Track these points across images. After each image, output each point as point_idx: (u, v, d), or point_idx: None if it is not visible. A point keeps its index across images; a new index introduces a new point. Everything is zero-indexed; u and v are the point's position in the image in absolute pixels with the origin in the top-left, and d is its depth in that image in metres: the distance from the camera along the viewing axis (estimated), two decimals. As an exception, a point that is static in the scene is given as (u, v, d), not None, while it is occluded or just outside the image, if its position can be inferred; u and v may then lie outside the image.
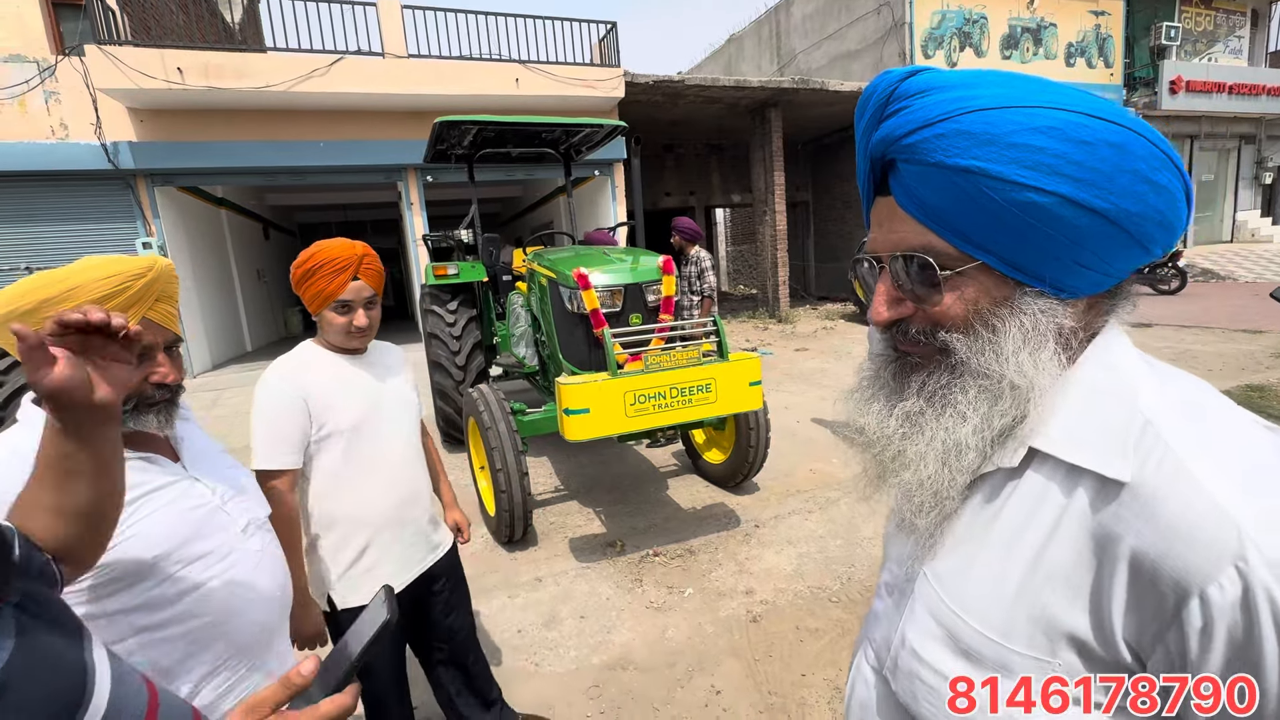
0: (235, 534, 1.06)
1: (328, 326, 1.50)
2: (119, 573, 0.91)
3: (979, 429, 0.52)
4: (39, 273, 0.91)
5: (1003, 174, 0.46)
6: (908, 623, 0.58)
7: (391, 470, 1.59)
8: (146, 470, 0.98)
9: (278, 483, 1.43)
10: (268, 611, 1.08)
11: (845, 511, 3.56)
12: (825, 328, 10.60)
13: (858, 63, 13.19)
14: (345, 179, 9.05)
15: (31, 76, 7.08)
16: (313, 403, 1.46)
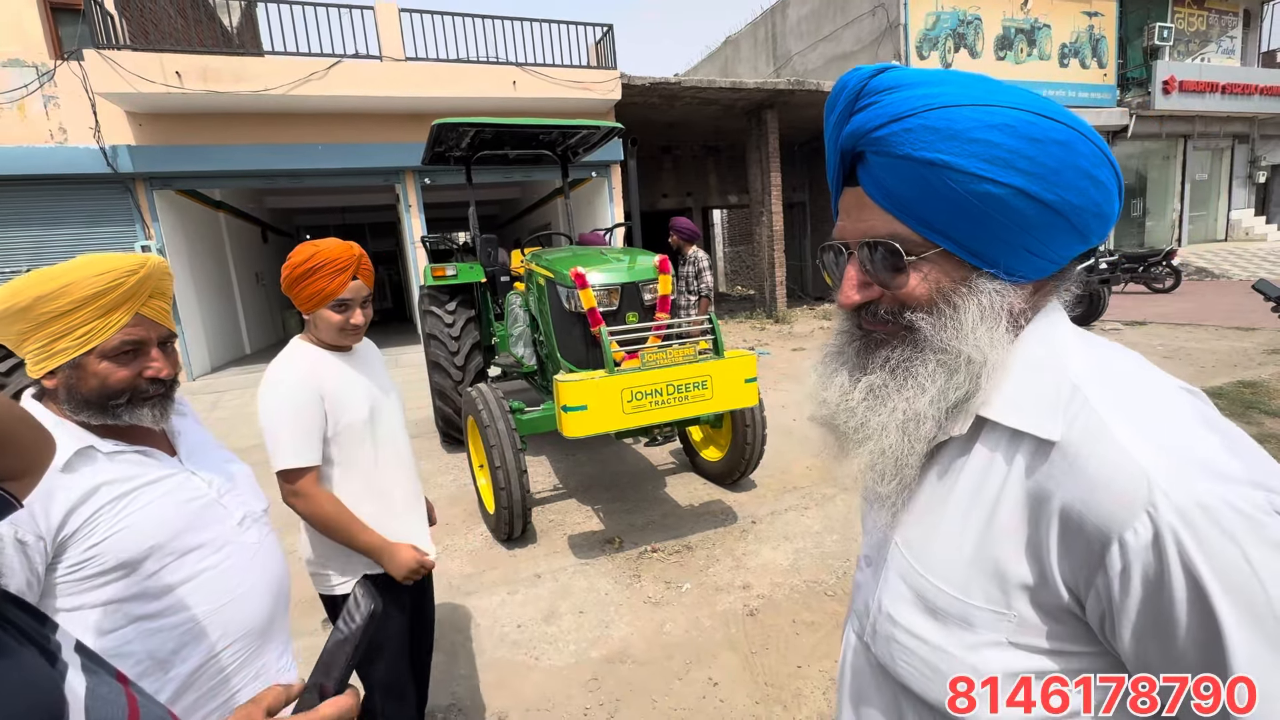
0: (231, 527, 1.07)
1: (323, 324, 1.52)
2: (114, 563, 0.93)
3: (935, 400, 0.56)
4: (34, 270, 0.94)
5: (964, 167, 0.50)
6: (882, 589, 0.62)
7: (400, 460, 1.65)
8: (142, 464, 1.00)
9: (303, 481, 1.45)
10: (265, 602, 1.10)
11: (841, 508, 3.59)
12: (822, 327, 10.65)
13: (853, 63, 13.24)
14: (344, 181, 9.08)
15: (30, 81, 7.11)
16: (327, 400, 1.49)
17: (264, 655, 1.10)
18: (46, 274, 0.92)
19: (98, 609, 0.92)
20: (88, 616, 0.92)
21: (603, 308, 3.14)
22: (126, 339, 0.97)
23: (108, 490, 0.94)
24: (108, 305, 0.94)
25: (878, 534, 0.66)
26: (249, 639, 1.07)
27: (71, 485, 0.92)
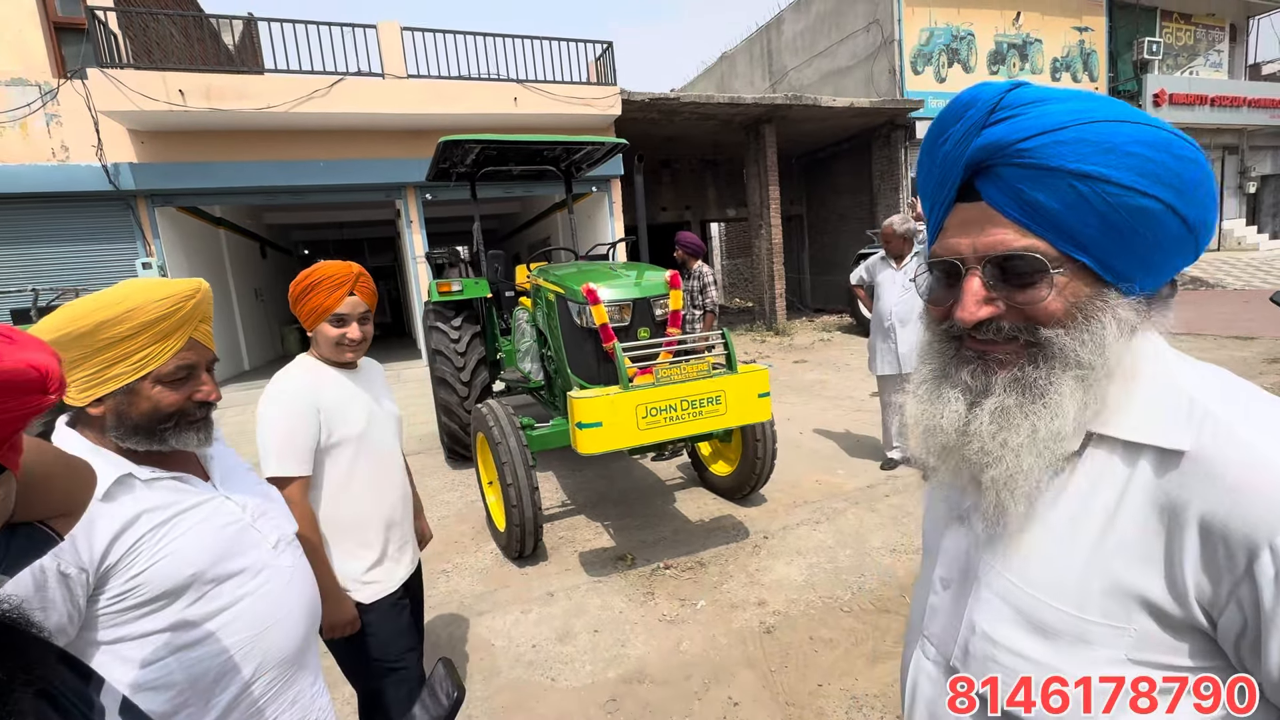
0: (266, 551, 1.07)
1: (322, 339, 1.57)
2: (155, 592, 0.92)
3: (1076, 417, 0.55)
4: (91, 295, 0.93)
5: (1120, 179, 0.51)
6: (975, 610, 0.60)
7: (391, 475, 1.68)
8: (179, 490, 0.99)
9: (290, 490, 1.47)
10: (301, 626, 1.10)
11: (853, 522, 3.57)
12: (823, 339, 10.67)
13: (849, 79, 13.41)
14: (345, 198, 9.10)
15: (33, 100, 7.13)
16: (324, 413, 1.53)
17: (299, 682, 1.09)
18: (107, 299, 0.91)
19: (139, 640, 0.91)
20: (129, 649, 0.91)
21: (614, 323, 3.14)
22: (181, 363, 0.97)
23: (148, 519, 0.93)
24: (166, 330, 0.94)
25: (959, 555, 0.65)
26: (286, 665, 1.06)
27: (112, 514, 0.91)
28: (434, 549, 3.60)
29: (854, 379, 7.38)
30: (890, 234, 4.09)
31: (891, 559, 3.14)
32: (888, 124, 12.37)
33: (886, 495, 3.92)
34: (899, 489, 4.00)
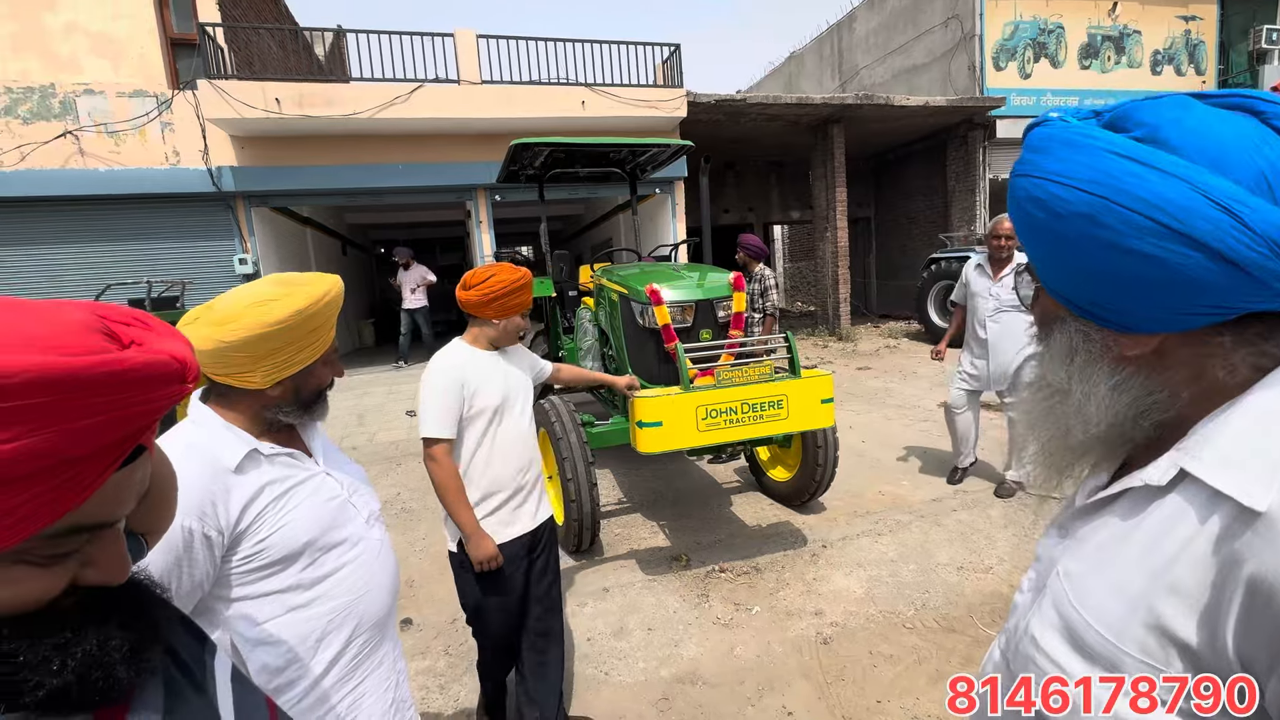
0: (361, 524, 1.15)
1: (511, 328, 1.99)
2: (276, 556, 1.02)
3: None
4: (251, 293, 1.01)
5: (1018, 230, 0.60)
6: (1034, 613, 0.61)
7: (520, 443, 2.01)
8: (292, 465, 1.09)
9: (437, 449, 1.86)
10: (388, 593, 1.18)
11: (918, 536, 3.45)
12: (888, 346, 10.31)
13: (924, 77, 12.91)
14: (419, 199, 9.52)
15: (151, 109, 7.84)
16: (467, 387, 1.88)
17: (385, 645, 1.18)
18: (301, 296, 1.00)
19: (259, 599, 1.02)
20: (250, 606, 1.02)
21: (677, 324, 3.15)
22: (332, 345, 1.12)
23: (270, 490, 1.03)
24: (332, 317, 1.08)
25: (1045, 561, 0.66)
26: (375, 629, 1.15)
27: (243, 485, 1.01)
28: (495, 539, 3.72)
29: (921, 388, 7.10)
30: (1008, 233, 3.72)
31: (959, 577, 3.01)
32: (965, 123, 11.82)
33: (954, 510, 3.76)
34: (968, 504, 3.83)
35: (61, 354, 0.36)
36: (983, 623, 2.66)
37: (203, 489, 0.96)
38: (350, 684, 1.10)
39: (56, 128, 7.59)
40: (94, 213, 7.95)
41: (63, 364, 0.36)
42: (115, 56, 7.72)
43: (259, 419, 1.07)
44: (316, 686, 1.05)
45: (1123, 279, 0.51)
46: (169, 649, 0.50)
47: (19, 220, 7.76)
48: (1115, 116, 0.54)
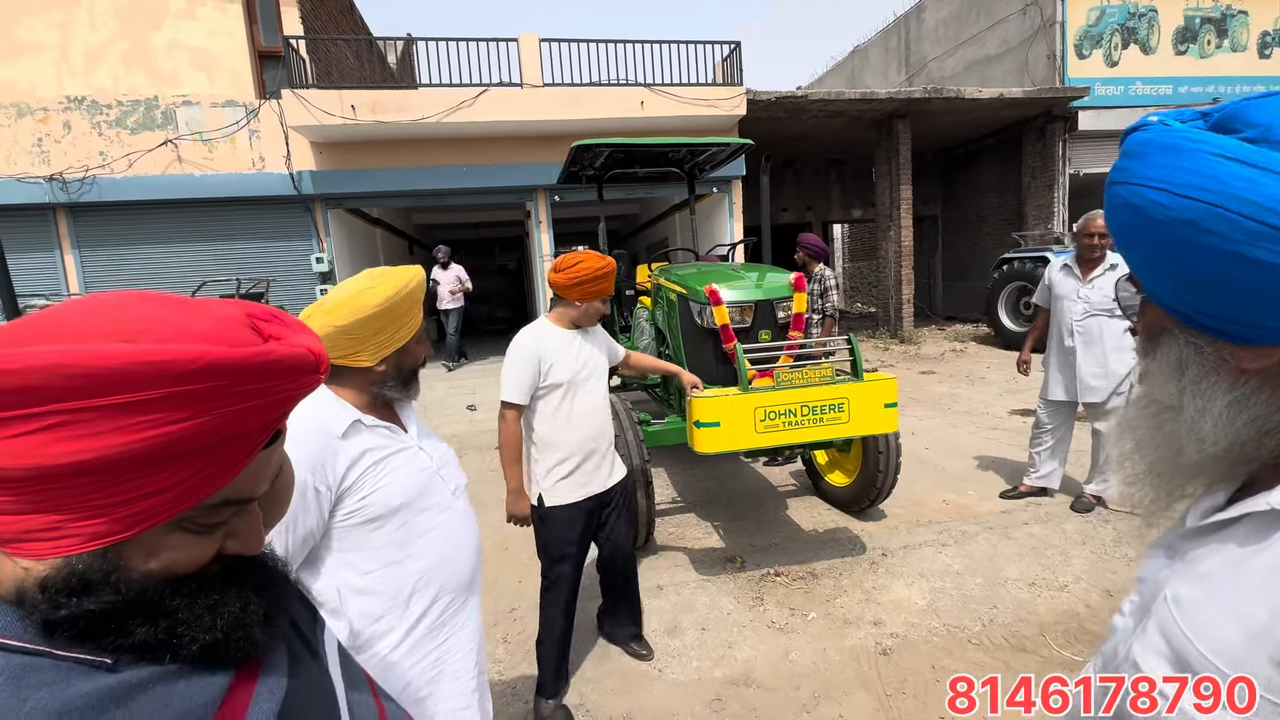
0: (448, 495, 1.27)
1: (592, 311, 2.21)
2: (374, 514, 1.15)
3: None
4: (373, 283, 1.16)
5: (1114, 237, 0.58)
6: (1138, 639, 0.58)
7: (590, 414, 2.22)
8: (390, 436, 1.22)
9: (508, 412, 2.13)
10: (471, 561, 1.30)
11: (985, 548, 3.30)
12: (954, 350, 9.89)
13: (997, 68, 12.29)
14: (482, 200, 9.82)
15: (240, 118, 8.41)
16: (543, 361, 2.12)
17: (467, 609, 1.30)
18: (392, 283, 1.15)
19: (359, 552, 1.16)
20: (353, 557, 1.16)
21: (735, 325, 3.14)
22: (421, 327, 1.27)
23: (370, 455, 1.16)
24: (419, 301, 1.23)
25: (1150, 583, 0.62)
26: (460, 591, 1.27)
27: (349, 449, 1.15)
28: (551, 532, 3.80)
29: (990, 393, 6.78)
30: (1102, 230, 3.39)
31: (1030, 594, 2.87)
32: (1043, 116, 11.19)
33: (1025, 523, 3.58)
34: (1041, 518, 3.63)
35: (224, 345, 0.41)
36: (1056, 643, 2.52)
37: (314, 450, 1.10)
38: (437, 639, 1.22)
39: (159, 136, 8.25)
40: (189, 215, 8.60)
41: (227, 354, 0.41)
42: (210, 70, 8.32)
43: (365, 394, 1.22)
44: (408, 638, 1.18)
45: (1236, 287, 0.48)
46: (290, 619, 0.56)
47: (127, 221, 8.48)
48: (1224, 117, 0.51)
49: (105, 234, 8.49)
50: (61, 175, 8.04)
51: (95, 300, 0.44)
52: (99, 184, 8.13)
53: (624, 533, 2.42)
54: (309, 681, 0.53)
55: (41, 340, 0.39)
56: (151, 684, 0.42)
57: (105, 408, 0.38)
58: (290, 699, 0.48)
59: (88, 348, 0.38)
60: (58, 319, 0.41)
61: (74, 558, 0.40)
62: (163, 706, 0.41)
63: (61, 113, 8.04)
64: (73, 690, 0.39)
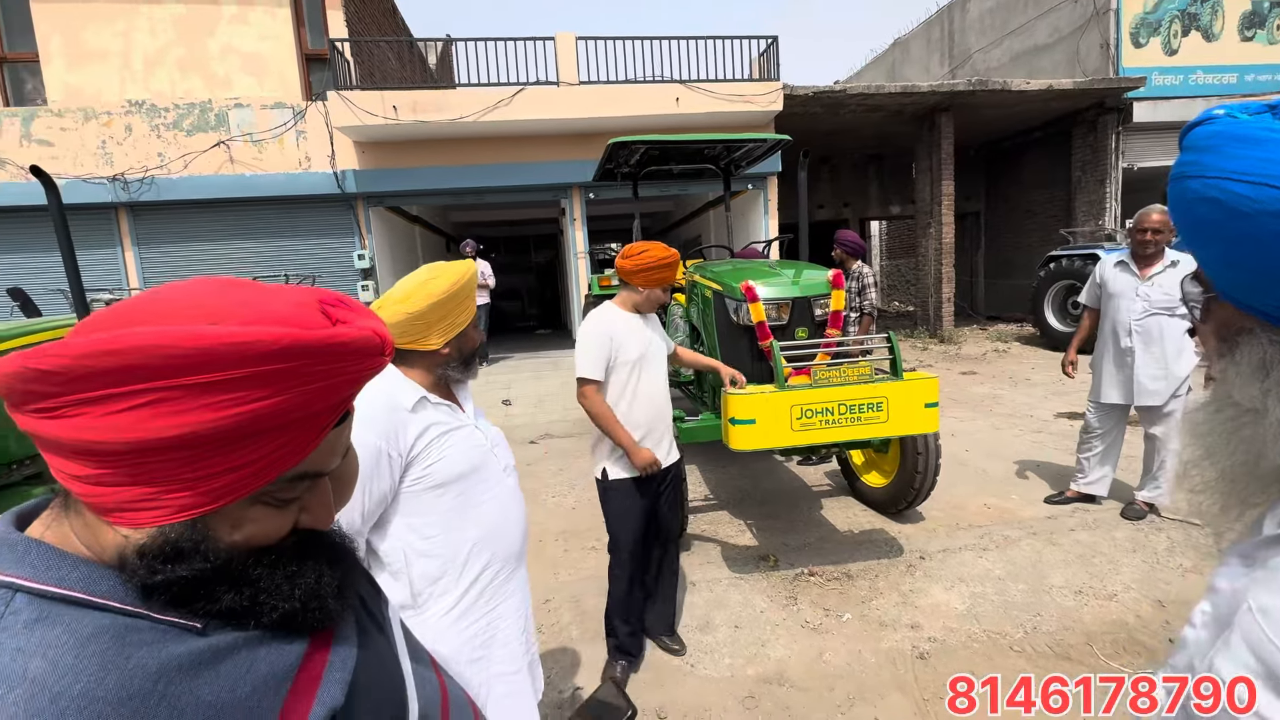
0: (499, 472, 1.39)
1: (654, 298, 2.36)
2: (438, 481, 1.28)
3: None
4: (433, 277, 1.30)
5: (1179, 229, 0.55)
6: (1219, 654, 0.55)
7: (653, 393, 2.36)
8: (451, 413, 1.35)
9: (588, 388, 2.26)
10: (519, 535, 1.42)
11: (1028, 554, 3.21)
12: (997, 350, 9.60)
13: (1046, 58, 11.86)
14: (518, 198, 9.95)
15: (288, 120, 8.70)
16: (613, 341, 2.26)
17: (516, 578, 1.41)
18: (450, 275, 1.30)
19: (423, 517, 1.28)
20: (416, 520, 1.28)
21: (771, 322, 3.11)
22: (475, 315, 1.40)
23: (435, 429, 1.29)
24: (473, 291, 1.35)
25: (1226, 594, 0.59)
26: (509, 561, 1.38)
27: (417, 421, 1.28)
28: (585, 525, 3.84)
29: (1035, 396, 6.57)
30: (1156, 226, 3.26)
31: (1076, 602, 2.78)
32: (1095, 107, 10.75)
33: (1072, 529, 3.46)
34: (1089, 524, 3.51)
35: (300, 328, 0.44)
36: (1104, 653, 2.44)
37: (387, 420, 1.24)
38: (489, 605, 1.34)
39: (212, 138, 8.60)
40: (240, 213, 8.95)
41: (303, 336, 0.43)
42: (260, 73, 8.63)
43: (431, 375, 1.35)
44: (462, 600, 1.30)
45: None
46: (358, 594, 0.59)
47: (182, 220, 8.87)
48: None
49: (162, 232, 8.89)
50: (123, 176, 8.45)
51: (181, 287, 0.46)
52: (157, 184, 8.53)
53: (670, 513, 2.53)
54: (377, 653, 0.55)
55: (137, 323, 0.41)
56: (236, 649, 0.45)
57: (197, 385, 0.40)
58: (360, 668, 0.50)
59: (181, 329, 0.41)
60: (149, 304, 0.44)
61: (167, 527, 0.44)
62: (246, 671, 0.44)
63: (124, 116, 8.45)
64: (168, 651, 0.41)
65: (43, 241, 8.29)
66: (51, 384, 0.39)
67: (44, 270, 8.27)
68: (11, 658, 0.38)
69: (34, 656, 0.38)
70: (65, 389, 0.39)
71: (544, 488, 4.61)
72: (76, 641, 0.39)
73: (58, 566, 0.42)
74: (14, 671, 0.37)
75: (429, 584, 1.28)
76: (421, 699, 0.58)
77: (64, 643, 0.39)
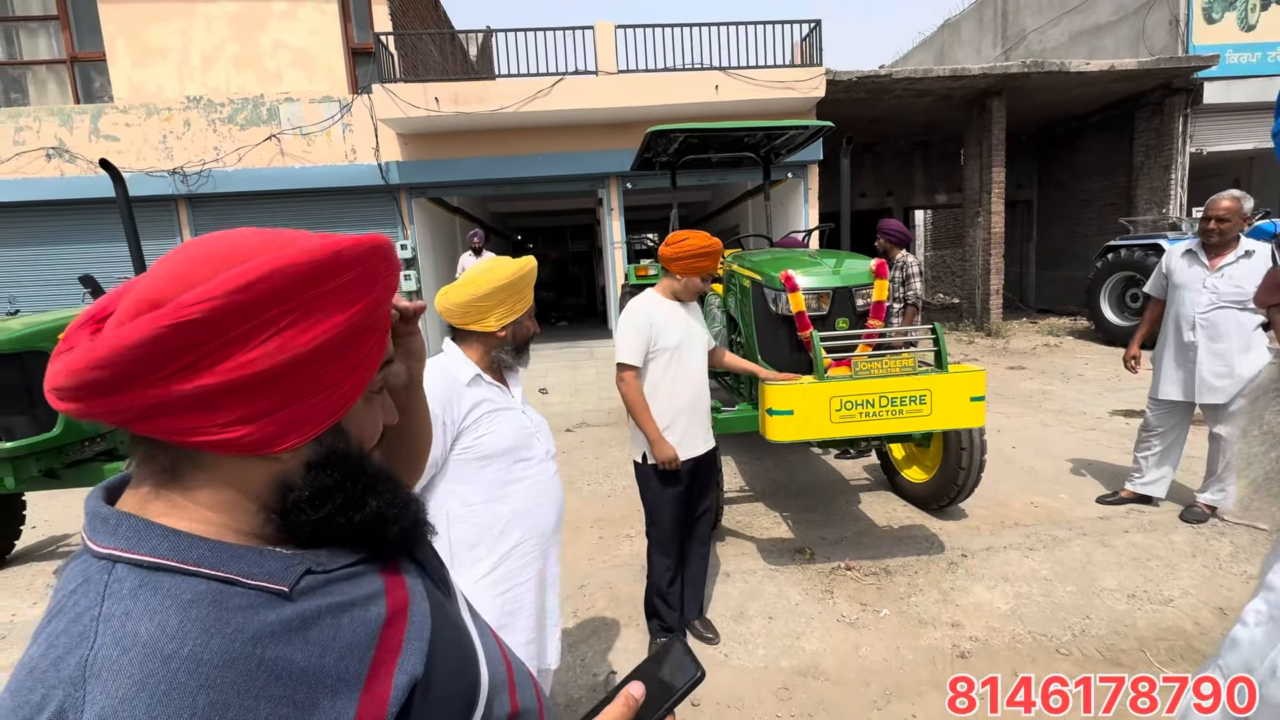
0: (541, 454, 1.52)
1: (692, 286, 2.35)
2: (485, 452, 1.42)
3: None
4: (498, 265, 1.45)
5: None
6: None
7: (691, 379, 2.37)
8: (501, 394, 1.49)
9: (627, 373, 2.30)
10: (554, 515, 1.53)
11: (1078, 554, 3.09)
12: (1048, 344, 9.23)
13: (1108, 38, 11.26)
14: (556, 188, 10.00)
15: (335, 113, 8.94)
16: (655, 327, 2.28)
17: (549, 555, 1.54)
18: (512, 266, 1.44)
19: (468, 485, 1.42)
20: (460, 487, 1.42)
21: (811, 312, 3.06)
22: (531, 306, 1.52)
23: (486, 405, 1.43)
24: (529, 282, 1.48)
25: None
26: (543, 538, 1.50)
27: (471, 395, 1.42)
28: (621, 513, 3.87)
29: (1088, 392, 6.30)
30: (1235, 215, 3.11)
31: (1129, 606, 2.67)
32: (1161, 88, 10.15)
33: (1126, 531, 3.32)
34: (1144, 526, 3.36)
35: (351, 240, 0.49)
36: (1158, 660, 2.34)
37: (445, 390, 1.38)
38: (520, 578, 1.44)
39: (264, 132, 8.90)
40: (290, 205, 9.25)
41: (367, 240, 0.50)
42: (309, 68, 8.88)
43: (486, 357, 1.48)
44: (495, 570, 1.41)
45: None
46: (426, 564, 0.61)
47: (236, 211, 9.23)
48: None
49: (218, 222, 9.27)
50: (182, 169, 8.84)
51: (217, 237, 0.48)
52: (213, 176, 8.89)
53: (707, 500, 2.55)
54: (450, 623, 0.57)
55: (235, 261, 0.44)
56: (321, 616, 0.46)
57: (320, 295, 0.45)
58: (435, 638, 0.52)
59: (295, 250, 0.45)
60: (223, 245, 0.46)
61: (322, 436, 0.49)
62: (332, 637, 0.45)
63: (182, 111, 8.82)
64: (261, 618, 0.43)
65: (110, 232, 8.75)
66: (203, 332, 0.41)
67: (112, 260, 8.73)
68: (122, 622, 0.39)
69: (142, 620, 0.39)
70: (218, 332, 0.41)
71: (580, 475, 4.66)
72: (179, 606, 0.40)
73: (149, 537, 0.43)
74: (126, 634, 0.39)
75: (466, 549, 1.39)
76: (490, 669, 0.58)
77: (167, 607, 0.40)
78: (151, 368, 0.40)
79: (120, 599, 0.40)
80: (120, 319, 0.42)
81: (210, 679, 0.39)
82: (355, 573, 0.50)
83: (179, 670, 0.38)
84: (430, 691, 0.49)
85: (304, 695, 0.42)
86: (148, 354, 0.40)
